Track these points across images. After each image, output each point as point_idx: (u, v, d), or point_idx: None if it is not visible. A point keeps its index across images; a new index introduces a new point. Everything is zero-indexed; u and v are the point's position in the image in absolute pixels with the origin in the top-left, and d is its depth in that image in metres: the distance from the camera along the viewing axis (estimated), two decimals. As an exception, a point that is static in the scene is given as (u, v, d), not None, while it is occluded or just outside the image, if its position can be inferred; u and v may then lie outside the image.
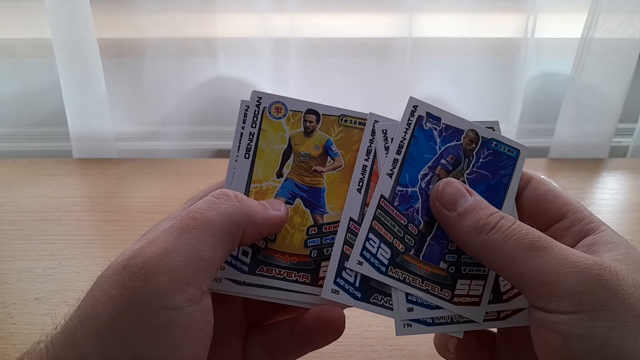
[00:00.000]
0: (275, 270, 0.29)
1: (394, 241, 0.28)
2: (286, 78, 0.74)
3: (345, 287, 0.28)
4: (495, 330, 0.32)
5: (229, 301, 0.30)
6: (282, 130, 0.29)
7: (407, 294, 0.28)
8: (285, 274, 0.29)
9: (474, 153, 0.29)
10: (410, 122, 0.29)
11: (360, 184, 0.29)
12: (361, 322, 0.43)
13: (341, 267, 0.28)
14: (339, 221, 0.29)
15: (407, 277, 0.28)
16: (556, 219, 0.28)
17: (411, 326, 0.28)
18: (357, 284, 0.28)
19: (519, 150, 0.29)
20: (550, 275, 0.23)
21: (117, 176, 0.68)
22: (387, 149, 0.29)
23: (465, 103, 0.75)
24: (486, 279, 0.29)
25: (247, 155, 0.29)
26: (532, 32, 0.69)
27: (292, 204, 0.29)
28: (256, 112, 0.29)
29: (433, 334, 0.32)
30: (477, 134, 0.29)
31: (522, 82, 0.72)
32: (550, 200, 0.29)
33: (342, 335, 0.42)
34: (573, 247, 0.26)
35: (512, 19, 0.70)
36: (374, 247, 0.28)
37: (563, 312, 0.23)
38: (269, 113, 0.29)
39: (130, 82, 0.74)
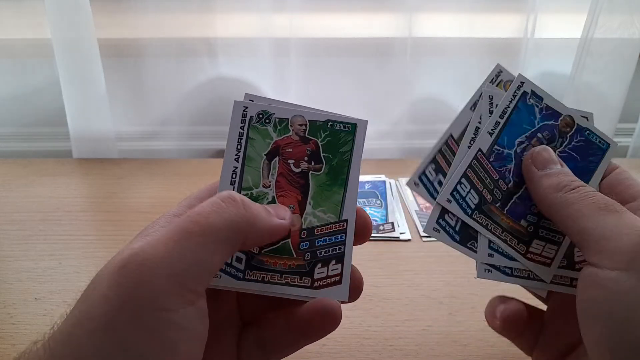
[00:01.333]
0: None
1: (484, 191, 0.31)
2: (286, 78, 0.74)
3: (446, 228, 0.31)
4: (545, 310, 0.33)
5: (223, 298, 0.30)
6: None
7: (489, 241, 0.31)
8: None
9: (568, 135, 0.32)
10: (516, 94, 0.31)
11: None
12: (361, 322, 0.43)
13: (444, 212, 0.31)
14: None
15: (490, 224, 0.31)
16: (628, 200, 0.30)
17: (491, 272, 0.31)
18: (457, 228, 0.31)
19: (610, 144, 0.32)
20: (612, 232, 0.25)
21: (117, 176, 0.68)
22: (490, 112, 0.31)
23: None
24: (560, 245, 0.31)
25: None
26: (532, 32, 0.69)
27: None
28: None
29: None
30: (573, 120, 0.32)
31: (522, 82, 0.72)
32: (628, 185, 0.31)
33: (342, 336, 0.42)
34: None
35: (512, 19, 0.70)
36: (464, 191, 0.31)
37: (614, 268, 0.24)
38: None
39: (130, 82, 0.74)
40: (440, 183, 0.32)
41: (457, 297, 0.45)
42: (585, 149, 0.32)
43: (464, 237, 0.31)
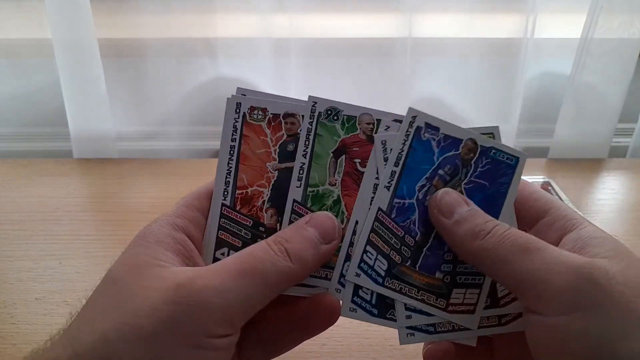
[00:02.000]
0: (407, 288, 0.29)
1: (391, 253, 0.29)
2: (286, 78, 0.74)
3: (363, 305, 0.29)
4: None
5: None
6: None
7: (404, 304, 0.29)
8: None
9: (472, 162, 0.29)
10: (408, 133, 0.29)
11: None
12: (361, 322, 0.43)
13: (357, 288, 0.29)
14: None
15: (404, 287, 0.29)
16: (539, 216, 0.29)
17: (414, 335, 0.29)
18: (373, 301, 0.29)
19: (518, 157, 0.29)
20: (542, 275, 0.24)
21: (117, 176, 0.68)
22: (386, 160, 0.29)
23: (465, 103, 0.75)
24: (481, 288, 0.29)
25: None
26: (532, 32, 0.69)
27: None
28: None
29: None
30: (475, 143, 0.29)
31: (522, 82, 0.72)
32: (535, 199, 0.30)
33: (342, 336, 0.42)
34: (557, 243, 0.27)
35: (512, 19, 0.70)
36: (371, 259, 0.29)
37: (558, 313, 0.23)
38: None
39: (131, 82, 0.74)
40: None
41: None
42: (494, 172, 0.29)
43: (382, 309, 0.29)
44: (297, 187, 0.29)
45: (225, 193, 0.29)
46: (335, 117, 0.29)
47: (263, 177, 0.29)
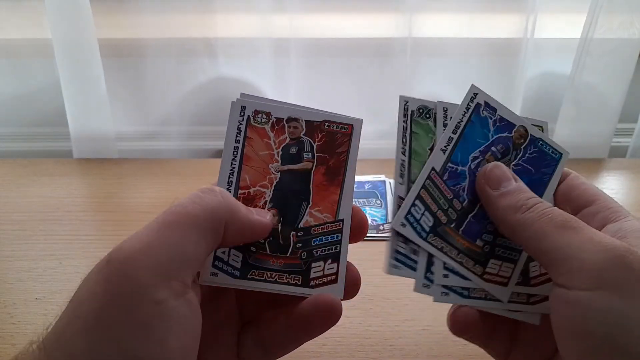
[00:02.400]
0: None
1: (438, 212, 0.30)
2: (286, 78, 0.74)
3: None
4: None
5: (223, 298, 0.30)
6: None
7: (444, 262, 0.30)
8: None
9: (522, 147, 0.31)
10: (469, 106, 0.30)
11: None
12: (361, 322, 0.43)
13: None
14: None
15: (445, 246, 0.30)
16: (585, 204, 0.30)
17: (449, 295, 0.30)
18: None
19: (562, 154, 0.32)
20: (575, 251, 0.24)
21: (117, 176, 0.68)
22: (445, 125, 0.30)
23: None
24: (516, 263, 0.31)
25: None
26: (532, 32, 0.69)
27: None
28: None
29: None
30: (527, 131, 0.31)
31: (522, 82, 0.72)
32: (583, 189, 0.30)
33: (342, 336, 0.42)
34: (599, 231, 0.27)
35: (512, 19, 0.70)
36: (418, 213, 0.30)
37: (583, 288, 0.24)
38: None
39: (131, 82, 0.74)
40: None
41: (457, 297, 0.45)
42: (539, 161, 0.31)
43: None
44: (400, 183, 0.30)
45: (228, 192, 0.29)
46: (428, 115, 0.31)
47: (265, 178, 0.30)
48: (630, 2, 0.65)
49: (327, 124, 0.30)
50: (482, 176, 0.30)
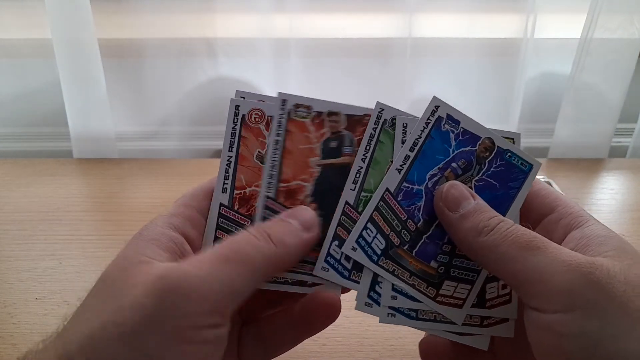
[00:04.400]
0: (400, 270, 0.29)
1: (391, 234, 0.29)
2: (286, 78, 0.74)
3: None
4: None
5: None
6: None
7: (392, 284, 0.29)
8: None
9: (486, 161, 0.29)
10: (429, 121, 0.29)
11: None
12: (361, 321, 0.43)
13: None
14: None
15: (397, 269, 0.29)
16: (546, 212, 0.29)
17: (395, 316, 0.29)
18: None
19: (532, 165, 0.30)
20: (543, 274, 0.24)
21: (117, 176, 0.68)
22: (403, 142, 0.29)
23: (465, 103, 0.75)
24: (473, 284, 0.29)
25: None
26: (532, 32, 0.69)
27: None
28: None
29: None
30: (493, 143, 0.29)
31: (522, 82, 0.72)
32: (543, 196, 0.30)
33: (342, 336, 0.42)
34: (562, 240, 0.27)
35: (512, 19, 0.70)
36: (370, 237, 0.29)
37: (555, 310, 0.23)
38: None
39: (131, 82, 0.74)
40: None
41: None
42: (505, 174, 0.29)
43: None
44: (351, 189, 0.29)
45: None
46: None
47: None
48: (630, 2, 0.65)
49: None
50: (439, 198, 0.28)
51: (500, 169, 0.29)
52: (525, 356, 0.28)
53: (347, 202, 0.29)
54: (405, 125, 0.29)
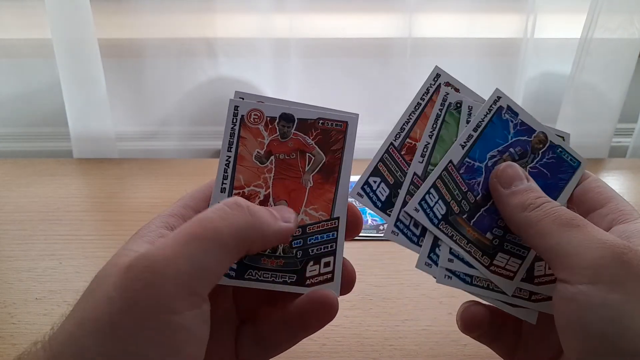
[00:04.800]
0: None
1: (451, 202, 0.31)
2: (286, 78, 0.74)
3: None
4: None
5: (220, 296, 0.30)
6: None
7: (450, 247, 0.31)
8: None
9: (540, 152, 0.32)
10: (492, 108, 0.32)
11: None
12: (361, 321, 0.43)
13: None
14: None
15: (455, 235, 0.31)
16: (597, 207, 0.30)
17: (451, 278, 0.31)
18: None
19: (581, 162, 0.32)
20: (576, 248, 0.25)
21: (117, 176, 0.68)
22: (467, 122, 0.32)
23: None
24: (524, 260, 0.31)
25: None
26: (532, 32, 0.69)
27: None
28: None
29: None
30: (546, 137, 0.32)
31: (522, 82, 0.72)
32: (597, 192, 0.31)
33: (342, 335, 0.42)
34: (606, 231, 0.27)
35: (512, 19, 0.70)
36: (432, 201, 0.31)
37: (582, 282, 0.24)
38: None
39: (131, 82, 0.74)
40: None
41: (456, 296, 0.45)
42: (556, 166, 0.32)
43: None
44: (419, 162, 0.31)
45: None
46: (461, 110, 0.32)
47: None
48: (630, 2, 0.65)
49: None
50: (495, 174, 0.30)
51: (552, 160, 0.32)
52: (548, 343, 0.29)
53: (415, 173, 0.31)
54: (470, 107, 0.32)
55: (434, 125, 0.32)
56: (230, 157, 0.30)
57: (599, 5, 0.65)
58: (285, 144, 0.30)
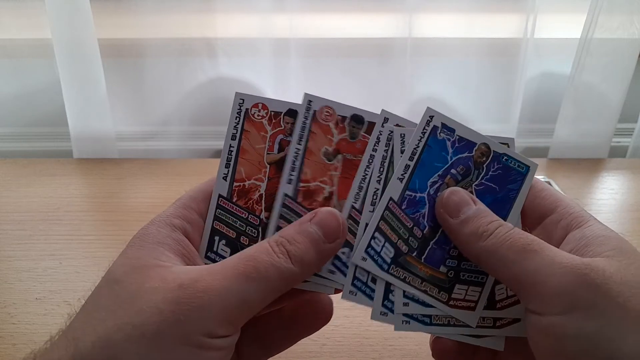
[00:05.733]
0: (411, 277, 0.29)
1: (398, 242, 0.29)
2: (286, 78, 0.74)
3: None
4: None
5: None
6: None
7: (403, 291, 0.29)
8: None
9: (484, 166, 0.30)
10: (425, 130, 0.30)
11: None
12: (361, 322, 0.43)
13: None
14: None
15: (408, 276, 0.29)
16: (547, 213, 0.29)
17: (409, 323, 0.29)
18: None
19: (529, 167, 0.30)
20: (540, 276, 0.24)
21: (117, 176, 0.68)
22: (402, 152, 0.30)
23: (465, 103, 0.75)
24: (484, 286, 0.30)
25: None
26: (532, 32, 0.69)
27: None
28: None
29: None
30: (489, 148, 0.30)
31: (522, 82, 0.72)
32: (543, 197, 0.30)
33: (342, 335, 0.42)
34: (562, 240, 0.27)
35: (512, 19, 0.70)
36: (378, 246, 0.29)
37: (553, 312, 0.24)
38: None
39: (131, 82, 0.74)
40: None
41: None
42: (504, 177, 0.30)
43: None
44: (370, 212, 0.30)
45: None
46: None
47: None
48: (630, 2, 0.65)
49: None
50: (440, 205, 0.29)
51: (498, 172, 0.30)
52: (524, 353, 0.28)
53: (366, 224, 0.30)
54: (403, 135, 0.30)
55: (381, 169, 0.30)
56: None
57: (599, 5, 0.65)
58: (353, 145, 0.30)
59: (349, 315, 0.44)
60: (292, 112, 0.30)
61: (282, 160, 0.30)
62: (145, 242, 0.26)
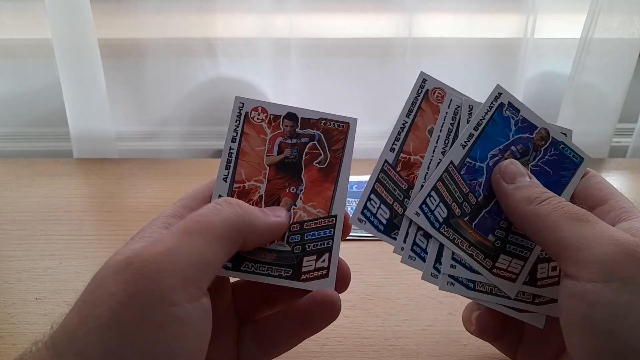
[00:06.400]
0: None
1: (452, 204, 0.31)
2: (286, 78, 0.74)
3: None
4: None
5: (220, 297, 0.30)
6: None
7: (453, 253, 0.30)
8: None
9: (542, 149, 0.32)
10: (492, 105, 0.31)
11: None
12: (361, 322, 0.43)
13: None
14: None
15: (457, 238, 0.31)
16: (598, 203, 0.30)
17: (454, 285, 0.31)
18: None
19: (583, 158, 0.32)
20: (588, 242, 0.25)
21: (117, 176, 0.68)
22: (468, 121, 0.31)
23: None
24: (526, 261, 0.31)
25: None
26: (532, 32, 0.69)
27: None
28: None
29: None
30: (548, 133, 0.32)
31: (522, 82, 0.72)
32: (598, 188, 0.31)
33: (342, 335, 0.42)
34: None
35: (512, 19, 0.70)
36: (433, 204, 0.31)
37: (592, 280, 0.24)
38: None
39: (131, 82, 0.74)
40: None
41: (456, 296, 0.45)
42: (558, 163, 0.32)
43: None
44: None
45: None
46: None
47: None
48: (630, 2, 0.65)
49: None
50: (497, 171, 0.30)
51: (554, 157, 0.32)
52: (548, 342, 0.29)
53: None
54: (471, 107, 0.31)
55: (446, 142, 0.31)
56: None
57: (599, 5, 0.65)
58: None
59: (349, 315, 0.44)
60: (291, 116, 0.31)
61: (282, 162, 0.30)
62: (133, 240, 0.26)
